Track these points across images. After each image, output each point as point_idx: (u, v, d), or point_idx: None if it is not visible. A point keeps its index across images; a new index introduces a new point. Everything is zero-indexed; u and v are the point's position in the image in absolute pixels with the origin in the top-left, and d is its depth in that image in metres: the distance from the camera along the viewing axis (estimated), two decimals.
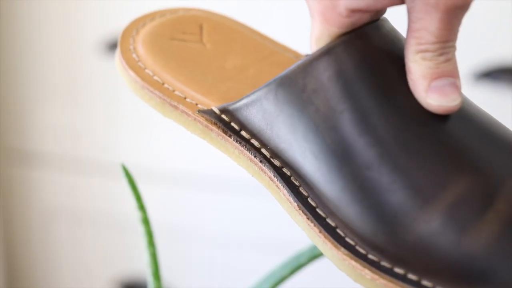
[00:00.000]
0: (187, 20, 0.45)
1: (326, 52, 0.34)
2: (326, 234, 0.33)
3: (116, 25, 0.98)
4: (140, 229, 0.45)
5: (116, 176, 0.96)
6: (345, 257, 0.32)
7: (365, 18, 0.34)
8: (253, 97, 0.36)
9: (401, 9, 0.35)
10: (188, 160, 0.99)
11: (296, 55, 0.43)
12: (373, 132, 0.33)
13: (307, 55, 0.42)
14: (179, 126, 0.39)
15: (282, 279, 0.47)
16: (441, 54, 0.33)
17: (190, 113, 0.38)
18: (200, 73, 0.41)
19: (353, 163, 0.33)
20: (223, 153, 0.38)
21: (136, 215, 0.45)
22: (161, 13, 0.44)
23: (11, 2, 1.01)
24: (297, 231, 1.01)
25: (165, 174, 1.01)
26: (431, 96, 0.33)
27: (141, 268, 1.06)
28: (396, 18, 0.38)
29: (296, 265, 0.47)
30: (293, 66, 0.35)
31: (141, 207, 0.44)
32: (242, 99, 0.37)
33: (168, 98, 0.39)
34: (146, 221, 0.44)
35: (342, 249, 0.32)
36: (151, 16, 0.44)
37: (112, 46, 0.98)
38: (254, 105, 0.36)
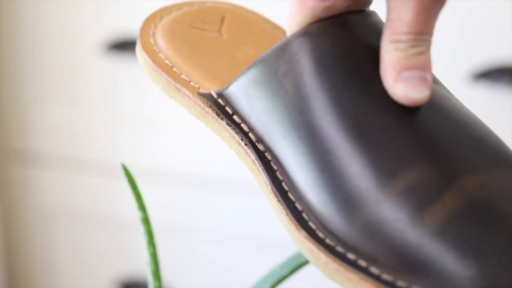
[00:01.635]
0: (212, 11, 0.46)
1: (299, 36, 0.35)
2: (291, 216, 0.34)
3: (116, 25, 0.98)
4: (140, 229, 0.45)
5: (116, 176, 0.96)
6: (304, 240, 0.33)
7: (340, 4, 0.34)
8: (239, 81, 0.37)
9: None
10: (188, 160, 0.99)
11: None
12: (337, 116, 0.33)
13: None
14: (186, 114, 0.41)
15: (282, 279, 0.47)
16: (413, 46, 0.33)
17: (190, 95, 0.40)
18: (209, 59, 0.42)
19: (316, 147, 0.34)
20: (217, 135, 0.39)
21: (136, 215, 0.45)
22: (190, 3, 0.46)
23: (11, 2, 1.01)
24: None
25: (165, 174, 1.01)
26: (398, 86, 0.33)
27: (141, 268, 1.06)
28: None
29: (296, 265, 0.47)
30: (268, 49, 0.36)
31: (141, 207, 0.44)
32: (231, 83, 0.38)
33: (173, 81, 0.40)
34: (146, 221, 0.44)
35: (303, 231, 0.33)
36: (179, 5, 0.46)
37: (112, 46, 0.98)
38: (240, 89, 0.37)
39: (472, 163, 0.33)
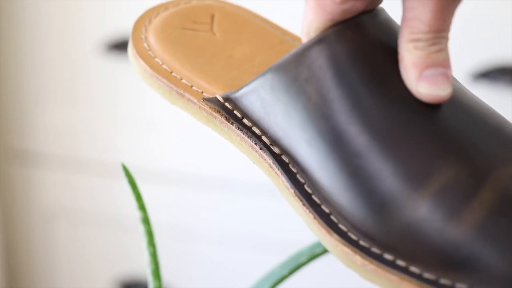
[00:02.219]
0: (200, 9, 0.45)
1: (318, 42, 0.35)
2: (320, 220, 0.34)
3: (116, 25, 0.98)
4: (140, 228, 0.45)
5: (116, 176, 0.96)
6: (337, 243, 0.33)
7: (358, 6, 0.34)
8: (251, 86, 0.37)
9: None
10: (188, 160, 0.99)
11: None
12: (363, 120, 0.33)
13: None
14: (186, 114, 0.40)
15: (282, 279, 0.47)
16: (433, 44, 0.33)
17: (195, 101, 0.39)
18: (207, 61, 0.42)
19: (344, 151, 0.33)
20: (227, 140, 0.39)
21: (136, 215, 0.45)
22: (175, 2, 0.45)
23: (11, 2, 1.01)
24: (296, 231, 1.02)
25: (165, 174, 1.01)
26: (421, 85, 0.33)
27: (141, 268, 1.06)
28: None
29: (296, 265, 0.47)
30: (286, 55, 0.35)
31: (141, 207, 0.44)
32: (242, 88, 0.37)
33: (175, 86, 0.40)
34: (146, 221, 0.44)
35: (335, 235, 0.33)
36: (165, 6, 0.45)
37: (112, 46, 0.98)
38: (253, 94, 0.36)
39: (499, 155, 0.33)
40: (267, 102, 0.36)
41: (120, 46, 0.98)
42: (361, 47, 0.34)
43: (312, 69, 0.34)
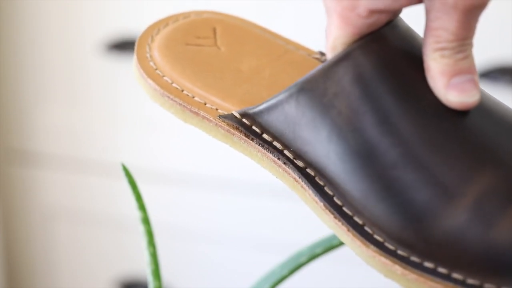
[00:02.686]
0: (200, 24, 0.45)
1: (345, 57, 0.34)
2: (354, 232, 0.34)
3: (116, 25, 0.98)
4: (140, 228, 0.45)
5: (116, 176, 0.96)
6: (374, 254, 0.33)
7: (383, 18, 0.34)
8: (273, 101, 0.36)
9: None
10: (188, 160, 0.99)
11: (309, 52, 0.44)
12: (395, 132, 0.33)
13: (320, 52, 0.43)
14: (199, 131, 0.40)
15: (282, 279, 0.47)
16: (459, 52, 0.34)
17: (211, 118, 0.38)
18: (217, 77, 0.41)
19: (378, 163, 0.33)
20: (246, 156, 0.38)
21: (136, 215, 0.45)
22: (174, 18, 0.45)
23: (11, 2, 1.01)
24: (296, 231, 1.02)
25: (165, 174, 1.01)
26: (451, 92, 0.33)
27: (141, 268, 1.06)
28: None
29: (296, 265, 0.47)
30: (313, 71, 0.35)
31: (141, 207, 0.44)
32: (263, 103, 0.37)
33: (189, 105, 0.39)
34: (146, 221, 0.44)
35: (372, 246, 0.33)
36: (165, 22, 0.44)
37: (112, 46, 0.98)
38: (275, 109, 0.36)
39: None
40: (292, 117, 0.36)
41: (120, 46, 0.98)
42: (388, 59, 0.35)
43: (341, 84, 0.34)
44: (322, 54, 0.43)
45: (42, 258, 1.13)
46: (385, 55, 0.35)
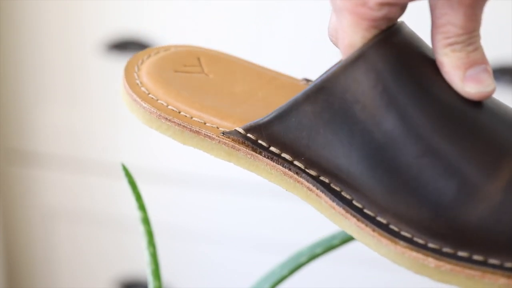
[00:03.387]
0: (184, 54, 0.45)
1: (365, 53, 0.35)
2: (380, 231, 0.33)
3: (116, 25, 0.98)
4: (140, 228, 0.45)
5: (116, 176, 0.96)
6: (404, 250, 0.32)
7: (393, 12, 0.35)
8: (286, 107, 0.36)
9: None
10: (188, 160, 0.99)
11: (293, 79, 0.44)
12: (420, 123, 0.34)
13: (304, 79, 0.43)
14: (201, 151, 0.39)
15: (282, 279, 0.47)
16: (469, 44, 0.34)
17: (214, 136, 0.38)
18: (213, 99, 0.41)
19: (404, 155, 0.33)
20: (252, 172, 0.38)
21: (136, 215, 0.45)
22: (155, 50, 0.44)
23: (11, 2, 1.01)
24: (296, 231, 1.01)
25: (165, 174, 1.01)
26: (468, 84, 0.34)
27: (141, 268, 1.06)
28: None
29: (296, 265, 0.47)
30: (332, 69, 0.35)
31: (141, 207, 0.44)
32: (272, 113, 0.37)
33: (189, 124, 0.38)
34: (146, 221, 0.44)
35: (401, 242, 0.32)
36: (147, 53, 0.44)
37: (112, 46, 0.98)
38: (287, 116, 0.36)
39: None
40: (308, 120, 0.35)
41: (120, 46, 0.98)
42: (402, 56, 0.35)
43: (364, 79, 0.34)
44: (307, 80, 0.43)
45: (42, 258, 1.13)
46: (400, 52, 0.35)
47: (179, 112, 0.39)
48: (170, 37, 0.95)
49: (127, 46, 0.97)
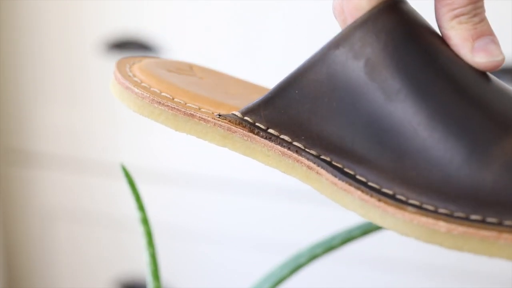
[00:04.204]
0: (175, 61, 0.45)
1: (371, 17, 0.34)
2: (387, 199, 0.32)
3: (116, 25, 0.98)
4: (140, 229, 0.45)
5: (116, 176, 0.96)
6: (413, 216, 0.31)
7: None
8: (287, 80, 0.35)
9: None
10: (188, 160, 0.99)
11: None
12: (428, 85, 0.33)
13: None
14: (194, 136, 0.38)
15: (282, 279, 0.47)
16: (474, 15, 0.35)
17: (209, 118, 0.37)
18: (207, 93, 0.40)
19: (412, 119, 0.33)
20: (248, 156, 0.37)
21: (136, 215, 0.45)
22: (140, 59, 0.44)
23: (11, 2, 1.01)
24: (296, 231, 1.01)
25: (165, 174, 1.01)
26: (477, 55, 0.35)
27: (141, 268, 1.06)
28: None
29: (296, 265, 0.47)
30: (334, 37, 0.34)
31: (141, 207, 0.44)
32: (273, 88, 0.36)
33: (183, 108, 0.38)
34: (145, 221, 0.44)
35: (409, 208, 0.31)
36: (138, 58, 0.44)
37: (112, 46, 0.98)
38: (289, 89, 0.35)
39: None
40: (308, 94, 0.35)
41: (120, 46, 0.98)
42: (411, 24, 0.35)
43: (368, 46, 0.34)
44: None
45: (42, 258, 1.13)
46: (410, 18, 0.35)
47: (173, 98, 0.39)
48: (170, 37, 0.95)
49: (127, 46, 0.97)
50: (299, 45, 0.89)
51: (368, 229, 0.46)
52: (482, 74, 0.35)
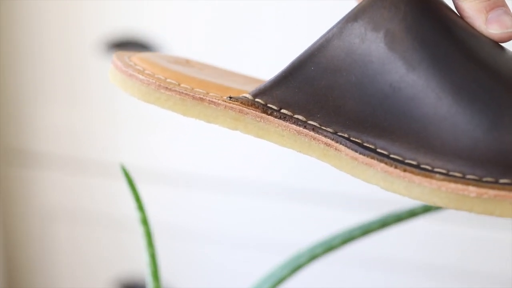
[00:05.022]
0: (172, 56, 0.44)
1: None
2: (412, 169, 0.32)
3: (116, 25, 0.98)
4: (140, 229, 0.44)
5: (116, 176, 0.96)
6: (441, 183, 0.31)
7: None
8: (302, 58, 0.35)
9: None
10: (188, 160, 0.99)
11: None
12: (450, 52, 0.33)
13: None
14: (202, 121, 0.37)
15: (282, 279, 0.47)
16: None
17: (219, 101, 0.36)
18: (213, 79, 0.40)
19: (437, 86, 0.32)
20: (261, 138, 0.36)
21: (136, 215, 0.45)
22: (136, 53, 0.43)
23: (11, 2, 1.01)
24: (296, 231, 1.01)
25: (165, 174, 1.01)
26: (491, 26, 0.35)
27: (141, 268, 1.06)
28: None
29: (296, 265, 0.47)
30: (351, 11, 0.34)
31: (141, 207, 0.44)
32: (286, 67, 0.35)
33: (191, 92, 0.37)
34: (145, 222, 0.44)
35: (437, 175, 0.31)
36: (129, 54, 0.43)
37: (112, 46, 0.98)
38: (304, 66, 0.35)
39: None
40: (325, 70, 0.34)
41: (120, 46, 0.98)
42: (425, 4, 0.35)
43: (386, 17, 0.34)
44: None
45: (42, 258, 1.13)
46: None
47: (179, 84, 0.38)
48: (170, 37, 0.95)
49: (127, 46, 0.97)
50: (299, 45, 0.89)
51: (368, 229, 0.46)
52: (497, 44, 0.35)
